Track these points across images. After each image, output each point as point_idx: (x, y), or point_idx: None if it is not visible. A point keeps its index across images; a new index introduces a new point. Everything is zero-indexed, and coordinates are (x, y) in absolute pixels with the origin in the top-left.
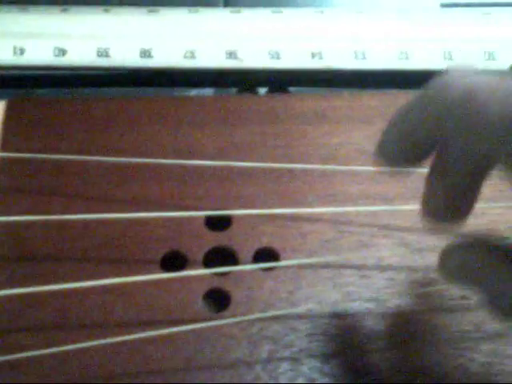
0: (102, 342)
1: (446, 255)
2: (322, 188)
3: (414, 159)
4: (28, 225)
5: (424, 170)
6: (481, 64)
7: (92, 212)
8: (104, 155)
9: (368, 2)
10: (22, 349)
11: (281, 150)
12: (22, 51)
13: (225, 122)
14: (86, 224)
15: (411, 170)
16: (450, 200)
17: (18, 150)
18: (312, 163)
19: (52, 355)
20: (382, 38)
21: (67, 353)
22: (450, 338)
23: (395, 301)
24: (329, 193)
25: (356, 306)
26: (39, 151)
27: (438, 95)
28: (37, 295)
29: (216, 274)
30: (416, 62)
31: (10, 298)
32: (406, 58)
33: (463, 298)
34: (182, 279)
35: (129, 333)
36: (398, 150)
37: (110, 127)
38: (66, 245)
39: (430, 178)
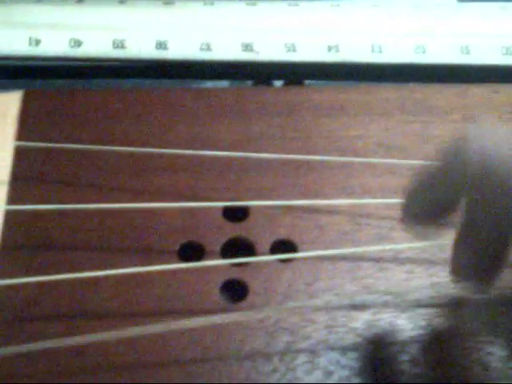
0: (120, 331)
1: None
2: (340, 180)
3: (439, 219)
4: (44, 214)
5: None
6: (498, 59)
7: (109, 202)
8: (120, 145)
9: None
10: (39, 338)
11: (298, 142)
12: (37, 42)
13: (241, 114)
14: (102, 214)
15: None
16: (478, 262)
17: (34, 140)
18: (330, 155)
19: (69, 344)
20: (399, 32)
21: (85, 342)
22: (468, 331)
23: (414, 294)
24: (347, 185)
25: (374, 298)
26: (55, 141)
27: (456, 163)
28: (54, 284)
29: (234, 265)
30: (433, 56)
31: (27, 286)
32: (423, 51)
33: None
34: (199, 270)
35: (146, 323)
36: (423, 214)
37: (126, 118)
38: (82, 234)
39: (458, 242)
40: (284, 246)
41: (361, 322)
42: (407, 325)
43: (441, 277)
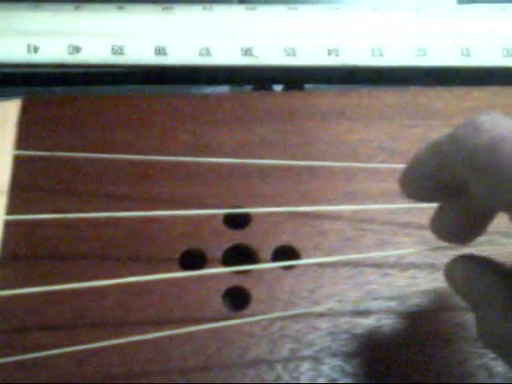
0: (122, 340)
1: (452, 266)
2: (342, 186)
3: (434, 196)
4: (45, 223)
5: None
6: (499, 60)
7: (109, 210)
8: (121, 153)
9: None
10: (41, 347)
11: (300, 148)
12: (35, 49)
13: (242, 120)
14: (103, 222)
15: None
16: (459, 229)
17: (33, 149)
18: (332, 161)
19: (71, 354)
20: (399, 35)
21: (86, 352)
22: (472, 336)
23: (417, 299)
24: (349, 190)
25: (377, 304)
26: (55, 149)
27: (465, 140)
28: (55, 294)
29: (236, 273)
30: (433, 58)
31: (28, 296)
32: (424, 54)
33: None
34: (201, 278)
35: (148, 332)
36: (420, 187)
37: (126, 125)
38: (83, 243)
39: (445, 204)
40: (286, 252)
41: (364, 328)
42: (411, 330)
43: (444, 281)
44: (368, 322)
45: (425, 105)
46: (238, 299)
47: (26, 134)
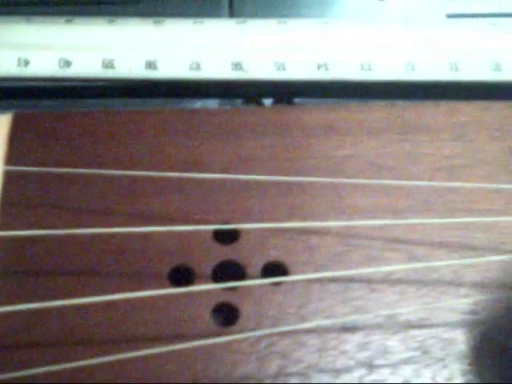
0: (110, 357)
1: None
2: (331, 200)
3: None
4: (32, 240)
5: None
6: (488, 75)
7: (98, 226)
8: (110, 168)
9: (373, 13)
10: (29, 365)
11: (289, 163)
12: (26, 63)
13: (232, 135)
14: (91, 238)
15: None
16: None
17: (24, 164)
18: (320, 176)
19: (59, 372)
20: (388, 49)
21: (75, 369)
22: (460, 353)
23: (406, 315)
24: (337, 206)
25: (366, 320)
26: (45, 165)
27: None
28: (42, 311)
29: (224, 289)
30: (422, 72)
31: (15, 314)
32: (412, 69)
33: (473, 312)
34: (189, 294)
35: (136, 349)
36: None
37: (116, 140)
38: (71, 260)
39: None
40: (275, 268)
41: (352, 344)
42: (399, 347)
43: (432, 297)
44: (355, 337)
45: (413, 120)
46: (226, 315)
47: (17, 150)
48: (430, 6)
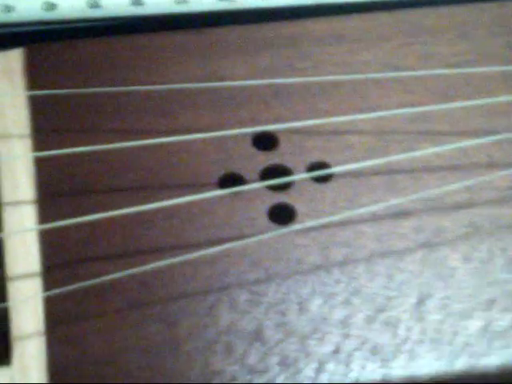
0: (181, 258)
1: None
2: (357, 101)
3: None
4: (75, 161)
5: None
6: None
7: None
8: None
9: None
10: (101, 275)
11: (308, 71)
12: (10, 8)
13: (248, 50)
14: (133, 155)
15: None
16: None
17: (47, 89)
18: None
19: (133, 277)
20: None
21: (148, 274)
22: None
23: (452, 197)
24: (364, 106)
25: (415, 205)
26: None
27: None
28: (102, 225)
29: (276, 191)
30: None
31: (78, 227)
32: None
33: None
34: (244, 198)
35: (202, 250)
36: None
37: (136, 64)
38: (117, 176)
39: None
40: (319, 168)
41: (408, 228)
42: (453, 226)
43: (472, 179)
44: (410, 222)
45: (418, 23)
46: (283, 216)
47: (36, 77)
48: None
